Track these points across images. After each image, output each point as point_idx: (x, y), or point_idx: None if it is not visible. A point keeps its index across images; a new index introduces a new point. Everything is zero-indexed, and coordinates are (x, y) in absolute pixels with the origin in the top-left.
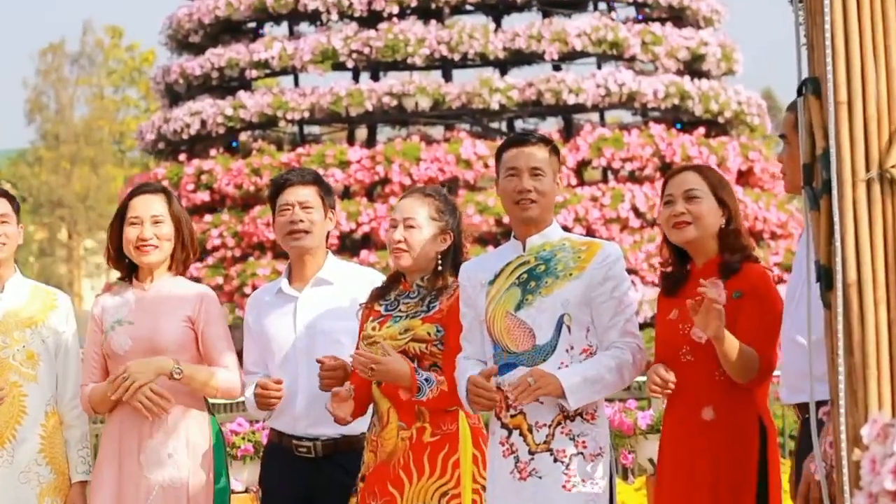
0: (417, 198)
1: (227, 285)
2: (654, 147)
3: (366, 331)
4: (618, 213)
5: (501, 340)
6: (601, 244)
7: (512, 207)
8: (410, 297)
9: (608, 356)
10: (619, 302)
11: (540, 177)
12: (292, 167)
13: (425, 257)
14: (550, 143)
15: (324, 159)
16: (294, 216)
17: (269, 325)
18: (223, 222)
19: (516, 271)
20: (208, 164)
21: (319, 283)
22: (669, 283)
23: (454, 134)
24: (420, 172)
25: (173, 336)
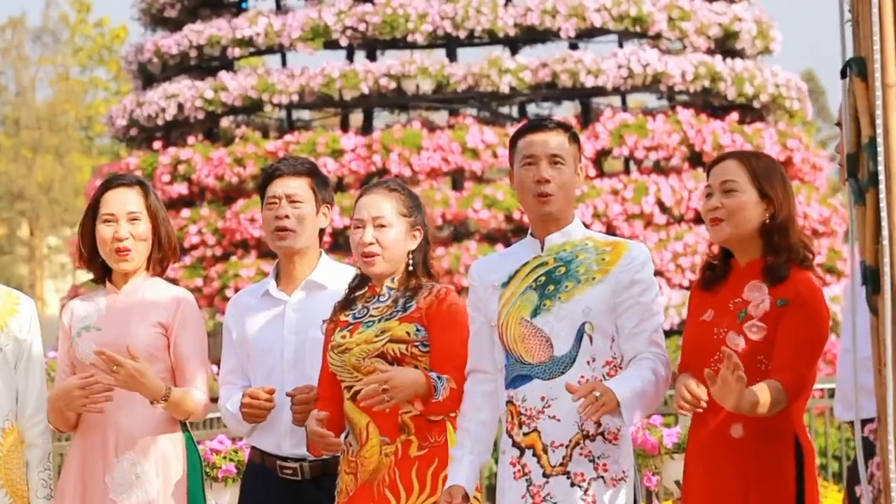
0: (382, 193)
1: (207, 287)
2: (681, 134)
3: (334, 340)
4: (641, 208)
5: (515, 349)
6: (627, 245)
7: (529, 200)
8: (381, 301)
9: (645, 368)
10: (646, 308)
11: (560, 166)
12: (282, 157)
13: (398, 258)
14: (570, 130)
15: (314, 148)
16: (280, 211)
17: (254, 330)
18: (202, 217)
19: (533, 273)
20: (186, 153)
21: (311, 287)
22: (708, 277)
23: (459, 120)
24: (421, 162)
25: (142, 342)
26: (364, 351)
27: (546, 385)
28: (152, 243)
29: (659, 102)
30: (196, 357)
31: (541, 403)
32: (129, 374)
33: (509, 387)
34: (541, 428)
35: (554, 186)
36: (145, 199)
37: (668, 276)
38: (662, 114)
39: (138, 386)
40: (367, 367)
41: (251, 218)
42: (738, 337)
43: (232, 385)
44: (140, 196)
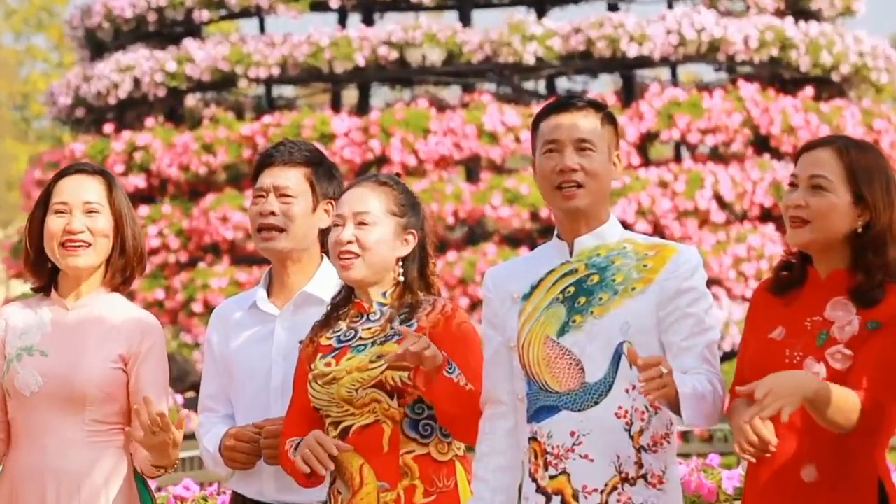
0: (370, 186)
1: (169, 301)
2: (744, 114)
3: (316, 369)
4: (695, 204)
5: (538, 375)
6: (675, 248)
7: (552, 194)
8: (372, 321)
9: (702, 378)
10: (697, 320)
11: (590, 153)
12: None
13: (383, 264)
14: (604, 110)
15: (299, 131)
16: (265, 206)
17: (238, 349)
18: (164, 216)
19: (560, 283)
20: (144, 138)
21: (306, 301)
22: (783, 280)
23: (474, 97)
24: (429, 148)
25: (97, 379)
26: (356, 380)
27: (576, 418)
28: (114, 246)
29: (716, 75)
30: (161, 393)
31: (570, 440)
32: (164, 442)
33: (532, 420)
34: (570, 469)
35: (582, 177)
36: (108, 191)
37: (729, 285)
38: (721, 89)
39: (162, 455)
40: (361, 399)
41: (223, 216)
42: (818, 364)
43: (213, 413)
44: (102, 187)
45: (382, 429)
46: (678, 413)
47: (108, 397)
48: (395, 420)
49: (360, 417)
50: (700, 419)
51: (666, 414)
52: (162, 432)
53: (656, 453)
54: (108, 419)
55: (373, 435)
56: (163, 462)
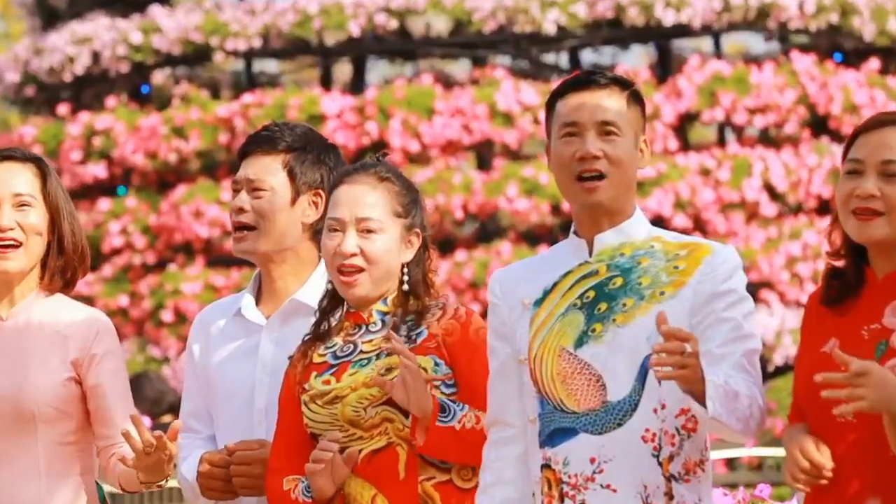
0: (370, 182)
1: (135, 309)
2: (798, 90)
3: (313, 388)
4: (742, 195)
5: (553, 393)
6: (710, 246)
7: (571, 185)
8: (372, 332)
9: (741, 382)
10: (735, 325)
11: (614, 138)
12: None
13: (389, 275)
14: (630, 87)
15: (284, 112)
16: (235, 201)
17: (220, 364)
18: (128, 210)
19: (578, 287)
20: (104, 121)
21: (296, 310)
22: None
23: (486, 72)
24: (434, 132)
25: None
26: (363, 397)
27: (597, 442)
28: (49, 244)
29: (766, 46)
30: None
31: (590, 468)
32: (160, 460)
33: (546, 445)
34: (590, 501)
35: (605, 165)
36: (42, 182)
37: (781, 289)
38: (772, 61)
39: (156, 472)
40: (370, 419)
41: (196, 211)
42: None
43: (195, 435)
44: (35, 177)
45: (397, 453)
46: (702, 403)
47: (62, 414)
48: (410, 442)
49: (369, 441)
50: (730, 417)
51: (700, 438)
52: (157, 451)
53: (689, 483)
54: (64, 439)
55: (386, 460)
56: (156, 478)
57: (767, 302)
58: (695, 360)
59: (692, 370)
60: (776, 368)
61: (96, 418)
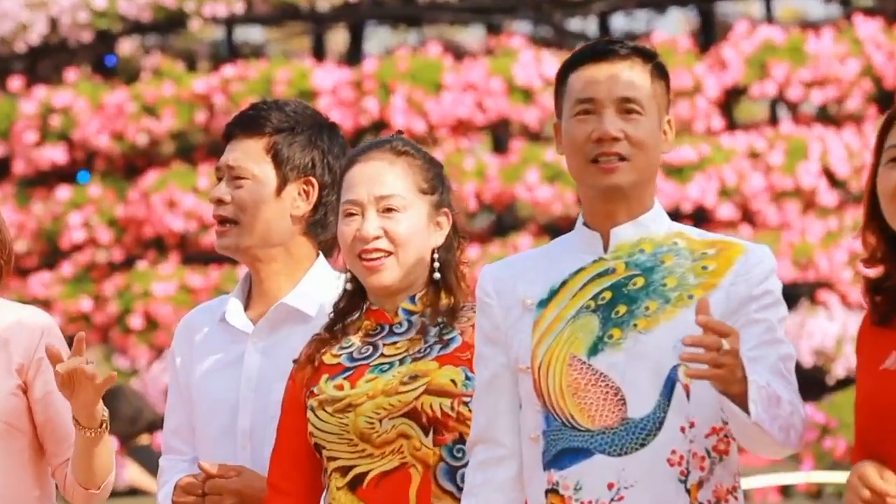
0: (387, 157)
1: (99, 313)
2: (862, 60)
3: (322, 392)
4: (796, 181)
5: (561, 407)
6: (742, 246)
7: (585, 169)
8: (397, 333)
9: (781, 387)
10: (769, 327)
11: (636, 116)
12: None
13: (419, 261)
14: (653, 59)
15: (269, 86)
16: (213, 193)
17: (201, 377)
18: (90, 200)
19: (592, 286)
20: (63, 97)
21: (283, 317)
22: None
23: (502, 41)
24: (442, 110)
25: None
26: (381, 407)
27: (616, 465)
28: None
29: (825, 9)
30: None
31: (608, 494)
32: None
33: (552, 467)
34: None
35: (626, 147)
36: None
37: (843, 290)
38: (831, 27)
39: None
40: (384, 433)
41: (169, 201)
42: None
43: (178, 456)
44: None
45: (410, 475)
46: (743, 406)
47: (12, 430)
48: (426, 464)
49: (379, 460)
50: (772, 424)
51: (733, 460)
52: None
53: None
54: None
55: (397, 484)
56: (87, 415)
57: (826, 304)
58: (732, 360)
59: (728, 370)
60: (837, 382)
61: (46, 432)
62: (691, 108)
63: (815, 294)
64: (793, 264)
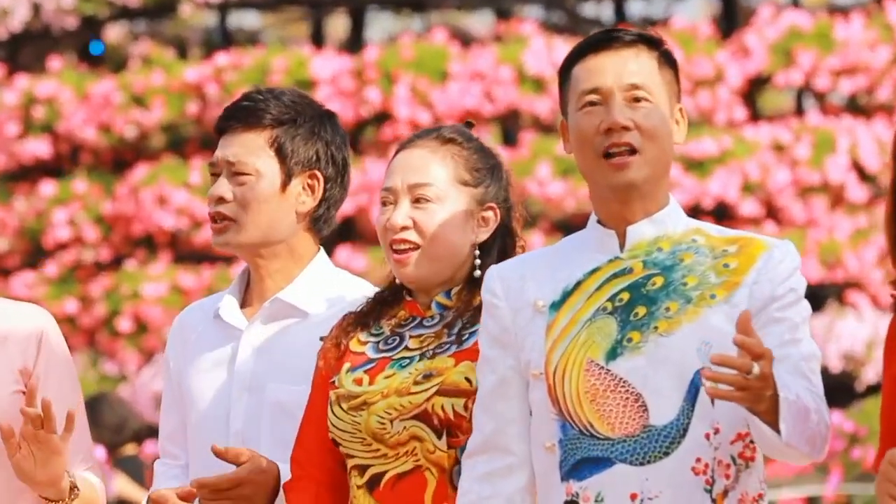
0: (429, 146)
1: (85, 315)
2: (894, 47)
3: (341, 385)
4: (824, 176)
5: (578, 415)
6: (765, 242)
7: (596, 164)
8: (426, 326)
9: (807, 393)
10: (791, 326)
11: (646, 104)
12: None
13: (452, 256)
14: (659, 46)
15: (265, 75)
16: (214, 189)
17: (194, 376)
18: (76, 196)
19: (608, 287)
20: (47, 86)
21: (281, 312)
22: None
23: (512, 27)
24: (448, 100)
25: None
26: (392, 408)
27: (638, 475)
28: None
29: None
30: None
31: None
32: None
33: (571, 477)
34: None
35: (636, 138)
36: None
37: (873, 290)
38: (862, 12)
39: (47, 471)
40: (396, 434)
41: (159, 197)
42: None
43: (172, 461)
44: None
45: (425, 479)
46: (773, 425)
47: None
48: (441, 468)
49: (394, 462)
50: (802, 441)
51: (758, 468)
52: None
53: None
54: None
55: (412, 487)
56: (50, 493)
57: (856, 306)
58: (761, 384)
59: (754, 393)
60: (867, 388)
61: None
62: (712, 99)
63: (844, 295)
64: (820, 263)
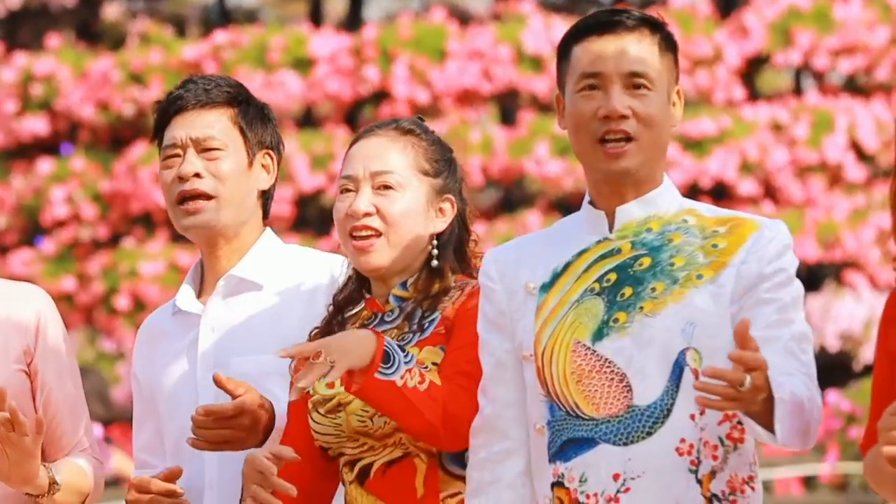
0: (389, 136)
1: (83, 293)
2: (893, 27)
3: (315, 393)
4: (822, 155)
5: (565, 396)
6: (756, 222)
7: (592, 149)
8: (387, 322)
9: (800, 382)
10: (781, 307)
11: (645, 91)
12: (191, 76)
13: (413, 244)
14: (661, 29)
15: (263, 55)
16: (185, 167)
17: (160, 372)
18: (74, 174)
19: (596, 268)
20: (45, 64)
21: (237, 287)
22: None
23: (510, 7)
24: (447, 79)
25: None
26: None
27: (622, 455)
28: None
29: None
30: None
31: (614, 485)
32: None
33: (557, 459)
34: None
35: (634, 126)
36: None
37: (871, 270)
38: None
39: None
40: (380, 428)
41: (157, 174)
42: None
43: (150, 470)
44: None
45: (415, 465)
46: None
47: None
48: (430, 452)
49: (382, 452)
50: (794, 435)
51: (748, 449)
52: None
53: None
54: None
55: (402, 474)
56: (30, 488)
57: (854, 285)
58: (752, 395)
59: (744, 405)
60: (865, 368)
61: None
62: (711, 78)
63: (842, 275)
64: (818, 243)
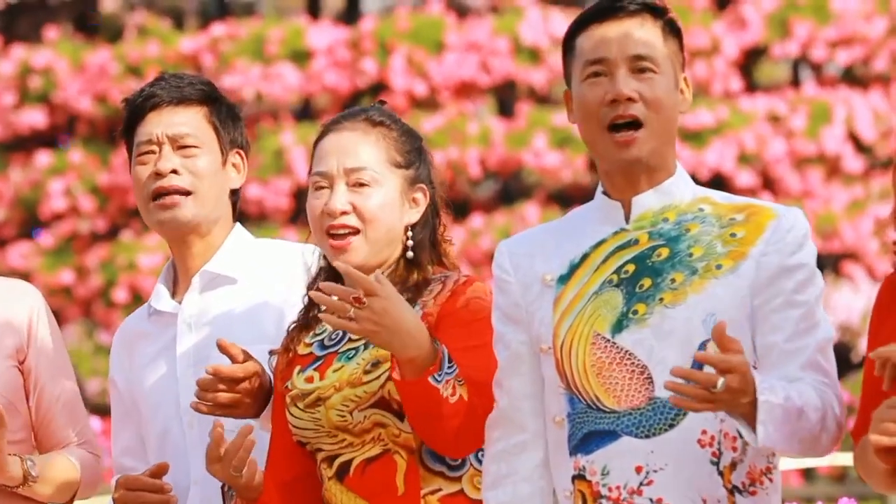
0: (360, 129)
1: (81, 286)
2: (890, 18)
3: (294, 387)
4: (820, 147)
5: (586, 389)
6: (773, 210)
7: (601, 137)
8: None
9: (809, 391)
10: (807, 312)
11: (651, 75)
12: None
13: (389, 238)
14: (664, 14)
15: (261, 47)
16: (161, 164)
17: (139, 374)
18: (72, 167)
19: (614, 259)
20: (42, 56)
21: (212, 283)
22: None
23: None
24: (444, 71)
25: None
26: (349, 399)
27: (644, 447)
28: None
29: None
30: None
31: (636, 478)
32: None
33: (578, 451)
34: None
35: (641, 109)
36: None
37: (869, 261)
38: None
39: None
40: (359, 423)
41: None
42: None
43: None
44: None
45: (395, 462)
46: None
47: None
48: (410, 449)
49: (361, 448)
50: (789, 441)
51: None
52: None
53: (755, 495)
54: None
55: (382, 471)
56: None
57: (852, 277)
58: (728, 397)
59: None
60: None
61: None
62: (709, 70)
63: (840, 266)
64: (816, 234)
